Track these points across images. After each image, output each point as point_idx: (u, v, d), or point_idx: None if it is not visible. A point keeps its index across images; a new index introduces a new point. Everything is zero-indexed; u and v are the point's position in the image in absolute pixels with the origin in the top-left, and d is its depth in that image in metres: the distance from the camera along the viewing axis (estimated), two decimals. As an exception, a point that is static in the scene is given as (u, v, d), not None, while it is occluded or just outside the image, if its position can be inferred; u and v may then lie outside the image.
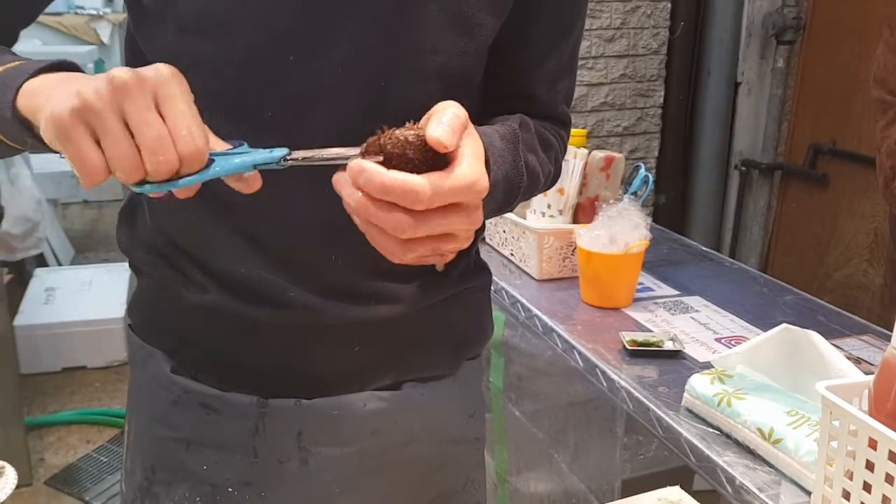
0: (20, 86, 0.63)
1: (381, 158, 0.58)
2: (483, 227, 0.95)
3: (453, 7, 0.74)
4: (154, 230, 0.84)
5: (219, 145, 0.60)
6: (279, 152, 0.60)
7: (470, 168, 0.59)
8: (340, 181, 0.58)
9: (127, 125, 0.55)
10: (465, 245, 0.64)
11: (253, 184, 0.60)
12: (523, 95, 0.86)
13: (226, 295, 0.79)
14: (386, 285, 0.82)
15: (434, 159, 0.60)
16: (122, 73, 0.55)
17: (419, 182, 0.57)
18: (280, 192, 0.75)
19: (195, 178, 0.57)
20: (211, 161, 0.58)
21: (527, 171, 0.79)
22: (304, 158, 0.60)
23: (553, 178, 0.91)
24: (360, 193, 0.57)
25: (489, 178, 0.70)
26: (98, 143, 0.55)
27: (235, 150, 0.60)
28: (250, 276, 0.78)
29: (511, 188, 0.77)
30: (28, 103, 0.62)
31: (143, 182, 0.57)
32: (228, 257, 0.79)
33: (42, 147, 0.64)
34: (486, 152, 0.70)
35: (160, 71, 0.56)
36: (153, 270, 0.85)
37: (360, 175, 0.57)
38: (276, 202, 0.76)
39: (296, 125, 0.74)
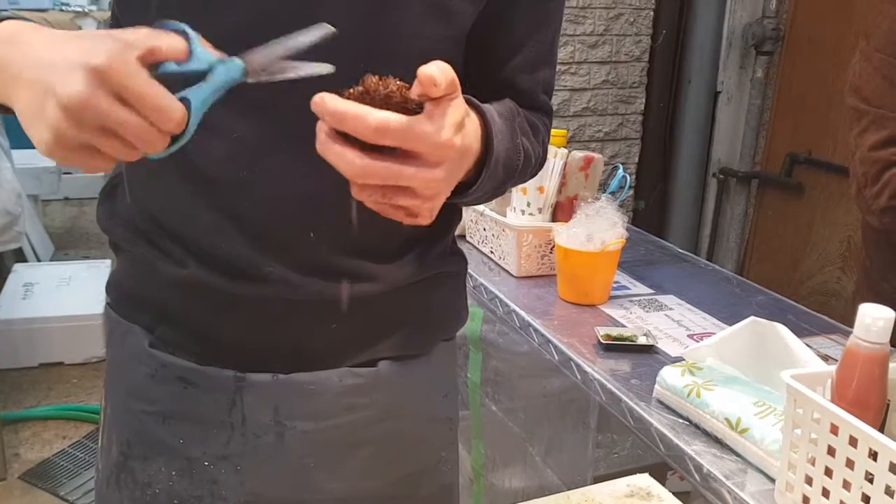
0: None
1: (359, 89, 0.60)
2: (459, 217, 0.98)
3: None
4: (133, 207, 0.85)
5: (163, 37, 0.60)
6: (237, 68, 0.61)
7: (431, 121, 0.62)
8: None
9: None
10: (426, 219, 0.67)
11: None
12: (504, 85, 0.88)
13: (204, 270, 0.81)
14: (364, 264, 0.83)
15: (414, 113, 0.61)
16: (70, 88, 0.55)
17: (370, 110, 0.59)
18: (260, 169, 0.78)
19: (186, 136, 0.60)
20: (188, 104, 0.59)
21: (523, 151, 0.82)
22: (263, 70, 0.62)
23: (542, 162, 0.93)
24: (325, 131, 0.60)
25: (492, 152, 0.73)
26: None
27: (194, 67, 0.61)
28: (229, 251, 0.80)
29: (510, 165, 0.79)
30: None
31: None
32: (207, 233, 0.80)
33: None
34: (488, 126, 0.73)
35: (108, 60, 0.56)
36: (132, 247, 0.86)
37: (318, 105, 0.60)
38: (255, 179, 0.78)
39: (278, 105, 0.75)
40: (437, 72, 0.60)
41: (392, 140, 0.60)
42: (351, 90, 0.61)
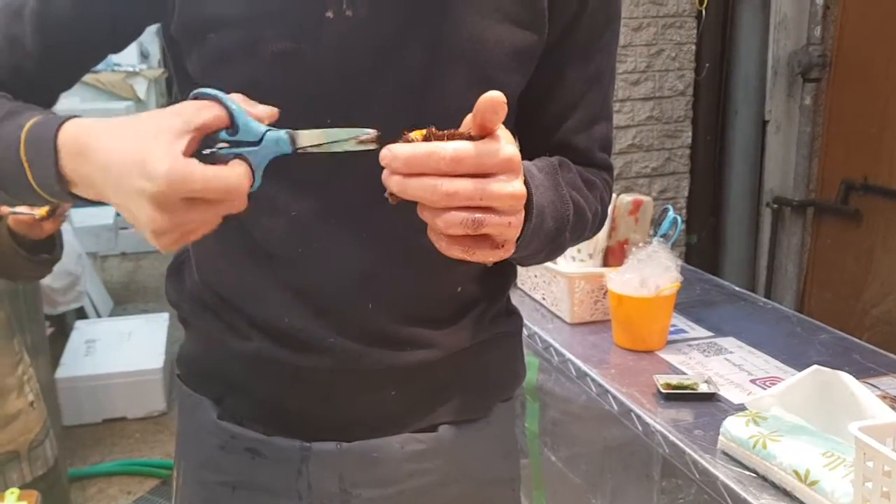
0: (58, 158, 0.67)
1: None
2: (515, 274, 0.98)
3: (478, 69, 0.78)
4: (200, 284, 0.88)
5: (208, 110, 0.63)
6: (285, 142, 0.64)
7: (495, 142, 0.61)
8: (385, 173, 0.62)
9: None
10: (510, 247, 0.65)
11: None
12: (560, 146, 0.88)
13: (269, 343, 0.83)
14: (421, 331, 0.85)
15: None
16: (144, 219, 0.60)
17: (440, 144, 0.60)
18: (317, 244, 0.80)
19: (254, 187, 0.63)
20: (247, 161, 0.63)
21: (573, 203, 0.80)
22: (313, 146, 0.64)
23: (601, 217, 0.91)
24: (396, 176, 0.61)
25: (532, 201, 0.71)
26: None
27: (245, 139, 0.64)
28: (293, 324, 0.82)
29: (559, 216, 0.78)
30: (78, 181, 0.67)
31: None
32: (271, 307, 0.83)
33: (81, 201, 0.70)
34: (526, 180, 0.71)
35: (164, 184, 0.59)
36: (200, 322, 0.89)
37: (387, 156, 0.60)
38: (315, 254, 0.80)
39: (334, 181, 0.78)
40: (497, 95, 0.60)
41: (467, 165, 0.60)
42: (411, 135, 0.62)
